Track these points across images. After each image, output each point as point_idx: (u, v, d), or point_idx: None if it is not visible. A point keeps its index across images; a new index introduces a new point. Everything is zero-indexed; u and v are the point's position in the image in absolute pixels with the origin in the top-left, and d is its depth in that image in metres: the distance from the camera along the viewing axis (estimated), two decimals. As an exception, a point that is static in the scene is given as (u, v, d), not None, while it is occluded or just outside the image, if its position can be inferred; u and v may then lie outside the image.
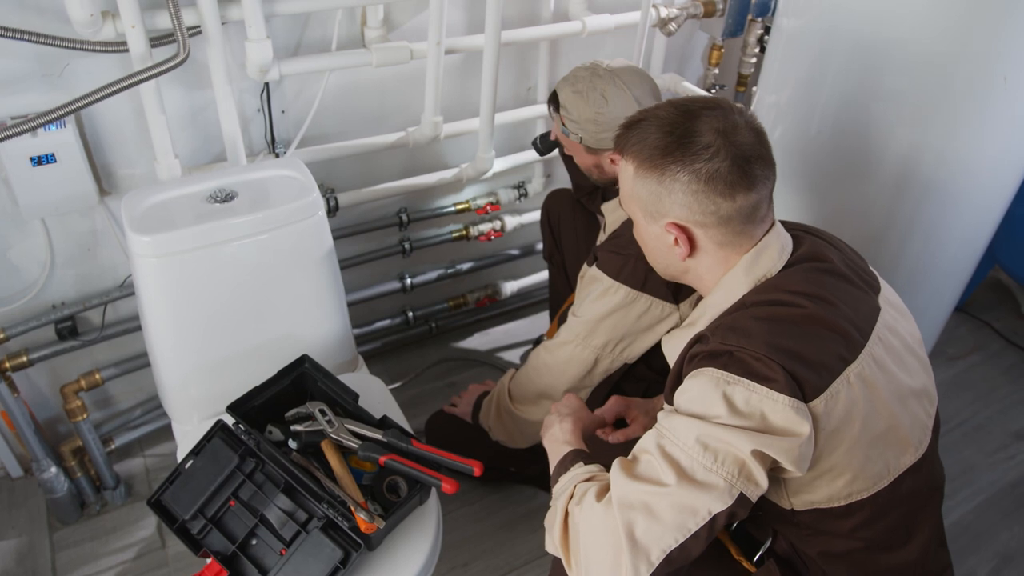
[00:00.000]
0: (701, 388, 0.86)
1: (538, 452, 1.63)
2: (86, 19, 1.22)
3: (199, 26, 1.34)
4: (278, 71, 1.44)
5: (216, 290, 1.26)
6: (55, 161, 1.35)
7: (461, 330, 2.24)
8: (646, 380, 1.51)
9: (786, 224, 1.02)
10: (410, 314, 2.08)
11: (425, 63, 1.60)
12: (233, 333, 1.32)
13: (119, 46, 1.30)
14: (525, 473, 1.74)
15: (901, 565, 0.99)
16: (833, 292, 0.91)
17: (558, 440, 1.09)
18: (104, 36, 1.29)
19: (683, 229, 0.94)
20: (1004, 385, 2.15)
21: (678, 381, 0.94)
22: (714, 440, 0.82)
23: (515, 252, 2.18)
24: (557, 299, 1.95)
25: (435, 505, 1.21)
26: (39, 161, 1.34)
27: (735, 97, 2.18)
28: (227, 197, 1.27)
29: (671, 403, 0.96)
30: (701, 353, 0.88)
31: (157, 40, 1.35)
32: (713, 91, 2.08)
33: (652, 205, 0.95)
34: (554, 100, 1.42)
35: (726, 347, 0.86)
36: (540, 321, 2.29)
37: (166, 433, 1.81)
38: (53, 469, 1.60)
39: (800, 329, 0.87)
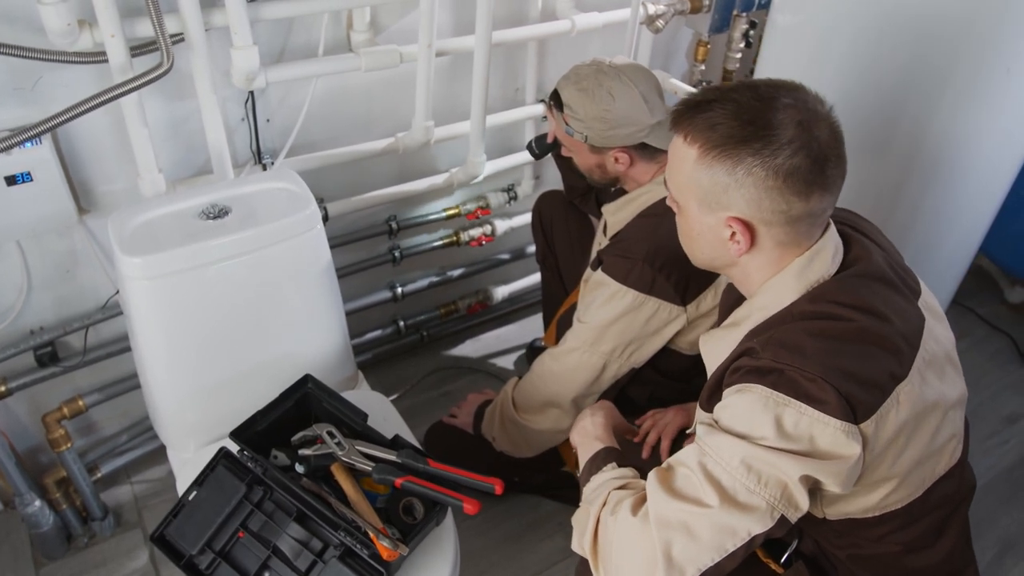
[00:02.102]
0: (748, 406, 0.82)
1: (542, 460, 1.61)
2: (62, 29, 1.15)
3: (181, 34, 1.28)
4: (265, 79, 1.38)
5: (211, 311, 1.21)
6: (31, 180, 1.28)
7: (452, 337, 2.20)
8: (652, 383, 1.49)
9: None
10: (401, 323, 2.04)
11: (413, 66, 1.55)
12: (230, 355, 1.26)
13: (97, 57, 1.23)
14: (529, 482, 1.70)
15: (929, 566, 0.98)
16: (885, 304, 0.87)
17: (588, 435, 1.06)
18: (81, 46, 1.22)
19: (747, 225, 0.87)
20: (992, 371, 2.18)
21: (718, 389, 0.91)
22: (759, 462, 0.80)
23: (505, 256, 2.15)
24: (552, 302, 1.92)
25: (451, 525, 1.18)
26: (14, 180, 1.27)
27: (720, 93, 2.17)
28: (220, 213, 1.21)
29: (707, 410, 0.94)
30: (747, 367, 0.85)
31: (136, 49, 1.28)
32: (699, 87, 2.07)
33: (714, 196, 0.87)
34: (555, 99, 1.38)
35: (777, 365, 0.82)
36: (531, 325, 2.26)
37: (154, 458, 1.74)
38: (37, 502, 1.52)
39: (853, 346, 0.83)
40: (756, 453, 0.80)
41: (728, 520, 0.80)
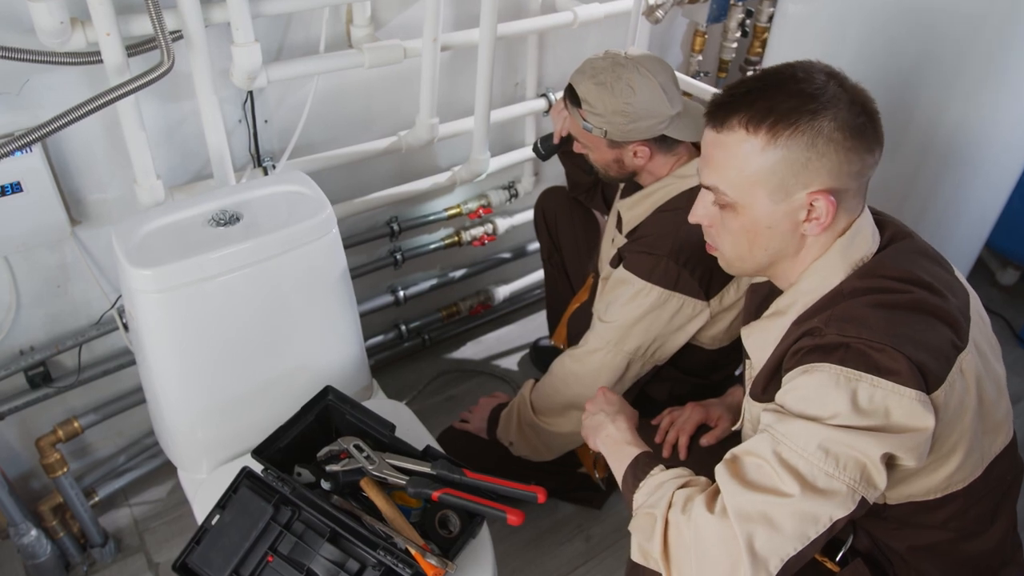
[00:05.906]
0: (818, 386, 0.80)
1: (557, 463, 1.57)
2: (55, 28, 1.08)
3: (179, 30, 1.21)
4: (266, 77, 1.32)
5: (225, 323, 1.14)
6: (22, 190, 1.20)
7: (453, 340, 2.15)
8: (671, 379, 1.47)
9: None
10: (403, 327, 1.98)
11: (412, 63, 1.50)
12: (244, 368, 1.20)
13: (91, 57, 1.16)
14: (545, 485, 1.66)
15: (983, 552, 0.97)
16: (934, 277, 0.87)
17: (617, 441, 1.03)
18: (73, 46, 1.14)
19: (831, 195, 0.83)
20: (989, 353, 2.19)
21: (774, 376, 0.89)
22: (836, 444, 0.77)
23: (506, 255, 2.10)
24: (558, 301, 1.88)
25: (487, 537, 1.13)
26: (2, 191, 1.19)
27: (717, 83, 2.15)
28: (230, 220, 1.14)
29: (760, 400, 0.91)
30: (809, 346, 0.82)
31: (131, 49, 1.20)
32: (697, 78, 2.04)
33: (793, 176, 0.83)
34: (570, 95, 1.34)
35: (844, 339, 0.79)
36: (532, 325, 2.22)
37: (153, 478, 1.66)
38: (33, 532, 1.43)
39: (914, 315, 0.82)
40: (832, 435, 0.78)
41: (810, 507, 0.78)
